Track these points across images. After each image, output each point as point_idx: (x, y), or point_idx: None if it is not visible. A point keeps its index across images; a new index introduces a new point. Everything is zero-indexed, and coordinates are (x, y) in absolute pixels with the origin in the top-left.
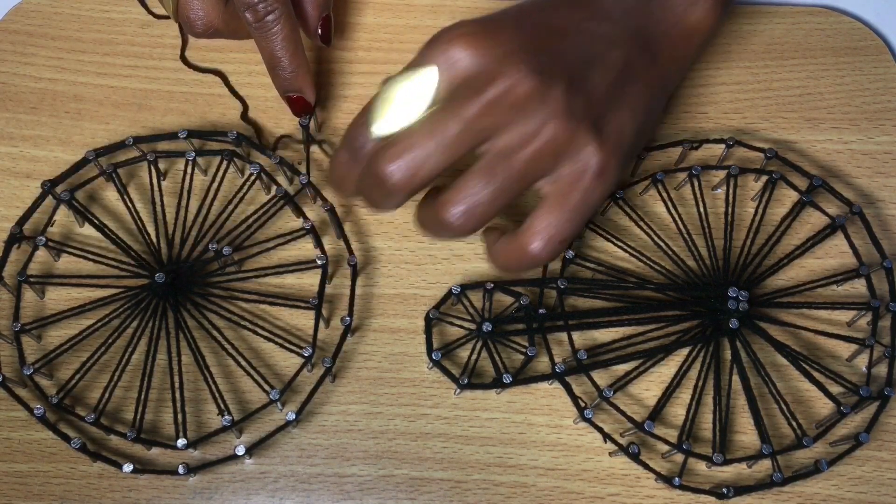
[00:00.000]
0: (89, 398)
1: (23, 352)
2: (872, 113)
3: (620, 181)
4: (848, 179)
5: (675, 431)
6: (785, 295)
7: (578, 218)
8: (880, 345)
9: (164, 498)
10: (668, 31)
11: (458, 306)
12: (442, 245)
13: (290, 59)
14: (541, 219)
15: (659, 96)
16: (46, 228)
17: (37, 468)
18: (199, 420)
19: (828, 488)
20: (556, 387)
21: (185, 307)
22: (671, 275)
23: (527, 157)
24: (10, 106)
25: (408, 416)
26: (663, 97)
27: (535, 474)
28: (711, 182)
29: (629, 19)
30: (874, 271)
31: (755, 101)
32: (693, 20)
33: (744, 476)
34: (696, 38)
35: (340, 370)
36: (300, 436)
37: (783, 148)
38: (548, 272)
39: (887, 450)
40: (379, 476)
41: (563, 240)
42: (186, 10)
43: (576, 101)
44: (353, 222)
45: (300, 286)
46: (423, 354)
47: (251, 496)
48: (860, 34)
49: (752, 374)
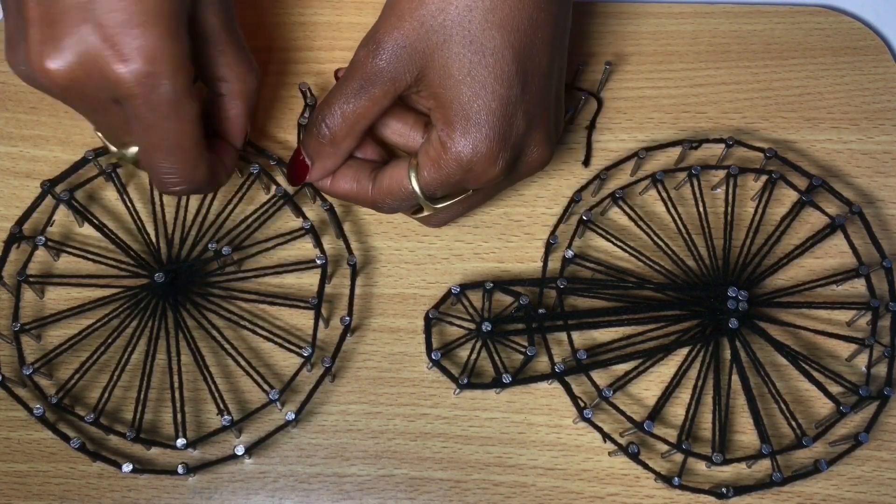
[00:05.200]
0: (89, 398)
1: (22, 352)
2: (872, 113)
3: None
4: (848, 179)
5: (675, 431)
6: (785, 295)
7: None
8: (880, 344)
9: (164, 498)
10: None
11: (458, 306)
12: (441, 245)
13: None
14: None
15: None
16: (46, 228)
17: (36, 468)
18: (198, 420)
19: (827, 488)
20: (556, 387)
21: (185, 307)
22: (671, 275)
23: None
24: (10, 106)
25: (407, 416)
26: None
27: (535, 474)
28: (711, 182)
29: None
30: (874, 271)
31: (755, 101)
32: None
33: (743, 476)
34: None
35: (340, 370)
36: (300, 436)
37: (783, 148)
38: (548, 272)
39: (887, 450)
40: (378, 476)
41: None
42: (158, 171)
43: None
44: (352, 222)
45: (300, 286)
46: (422, 354)
47: (251, 496)
48: (860, 34)
49: (752, 373)
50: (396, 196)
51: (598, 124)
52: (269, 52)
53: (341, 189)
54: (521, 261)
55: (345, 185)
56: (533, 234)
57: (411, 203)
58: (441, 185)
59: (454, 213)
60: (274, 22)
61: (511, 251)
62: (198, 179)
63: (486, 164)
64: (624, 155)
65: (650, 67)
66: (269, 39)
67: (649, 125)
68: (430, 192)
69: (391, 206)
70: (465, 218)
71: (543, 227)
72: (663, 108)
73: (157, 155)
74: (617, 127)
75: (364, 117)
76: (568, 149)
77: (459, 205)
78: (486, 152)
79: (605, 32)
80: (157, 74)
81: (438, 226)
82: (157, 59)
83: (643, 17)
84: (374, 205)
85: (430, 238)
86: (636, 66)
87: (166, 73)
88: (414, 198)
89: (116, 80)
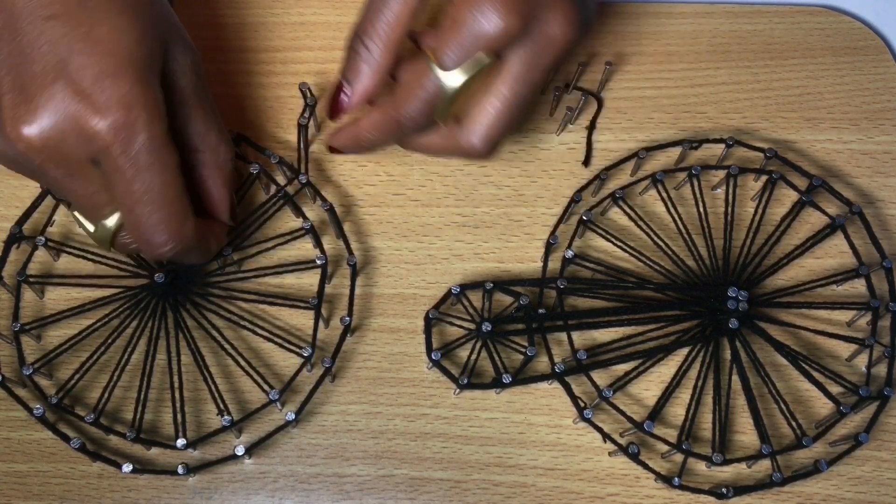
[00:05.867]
0: (89, 398)
1: (22, 352)
2: (872, 113)
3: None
4: (848, 179)
5: (675, 431)
6: (785, 295)
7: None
8: (880, 345)
9: (164, 498)
10: None
11: (458, 306)
12: (441, 245)
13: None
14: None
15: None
16: (46, 228)
17: (36, 468)
18: (198, 420)
19: (827, 488)
20: (556, 387)
21: (185, 307)
22: (671, 275)
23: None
24: None
25: (407, 416)
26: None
27: (535, 474)
28: (711, 182)
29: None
30: (874, 271)
31: (755, 101)
32: None
33: (743, 476)
34: None
35: (340, 370)
36: (300, 436)
37: (783, 148)
38: (548, 272)
39: (887, 450)
40: (378, 476)
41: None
42: (149, 234)
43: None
44: (352, 222)
45: (300, 286)
46: (422, 354)
47: (251, 496)
48: (860, 34)
49: (752, 373)
50: (418, 86)
51: (599, 124)
52: (269, 52)
53: (371, 121)
54: (521, 261)
55: (373, 114)
56: (533, 234)
57: (436, 94)
58: (458, 46)
59: (491, 115)
60: (274, 22)
61: (511, 251)
62: (186, 236)
63: (501, 9)
64: (624, 155)
65: (650, 67)
66: (269, 39)
67: (649, 125)
68: (447, 60)
69: (416, 107)
70: (465, 218)
71: (543, 227)
72: (663, 108)
73: (142, 210)
74: (617, 127)
75: (399, 24)
76: (568, 149)
77: (487, 91)
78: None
79: (605, 32)
80: (134, 124)
81: (482, 146)
82: (132, 109)
83: (643, 17)
84: (400, 114)
85: (430, 238)
86: (636, 66)
87: (143, 121)
88: (435, 81)
89: (94, 134)
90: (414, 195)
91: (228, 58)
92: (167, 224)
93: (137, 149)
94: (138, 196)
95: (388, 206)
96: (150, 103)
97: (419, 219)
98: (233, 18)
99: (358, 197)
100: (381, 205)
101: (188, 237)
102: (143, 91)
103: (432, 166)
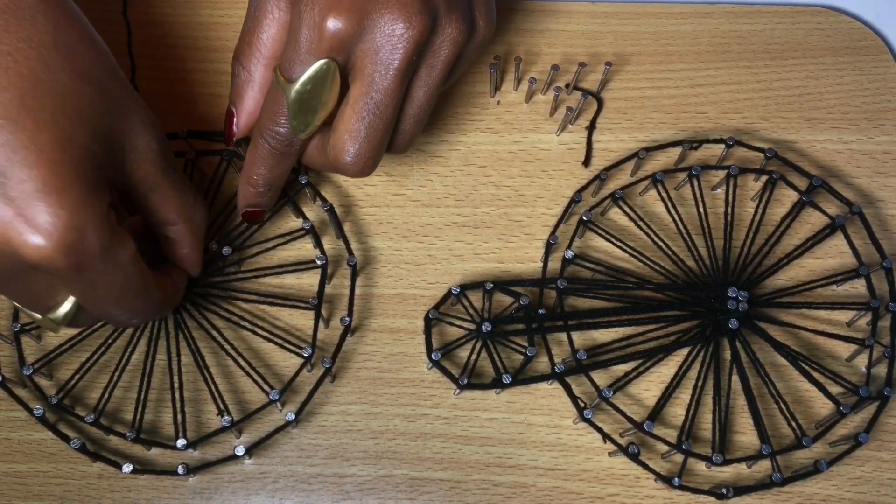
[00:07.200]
0: (89, 398)
1: (22, 352)
2: (872, 113)
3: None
4: (848, 179)
5: (675, 432)
6: (785, 295)
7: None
8: (880, 345)
9: (164, 498)
10: None
11: (458, 306)
12: (441, 245)
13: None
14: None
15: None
16: None
17: (36, 468)
18: (198, 420)
19: (827, 488)
20: (556, 387)
21: (185, 307)
22: (671, 275)
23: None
24: None
25: (407, 417)
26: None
27: (535, 474)
28: (711, 182)
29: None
30: (874, 271)
31: (755, 101)
32: None
33: (743, 476)
34: None
35: (340, 370)
36: (300, 436)
37: (783, 148)
38: (548, 272)
39: (887, 450)
40: (378, 476)
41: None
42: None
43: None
44: (352, 222)
45: (300, 286)
46: (422, 354)
47: (251, 496)
48: (860, 34)
49: (752, 374)
50: (271, 103)
51: (599, 124)
52: None
53: (248, 157)
54: (521, 261)
55: (248, 149)
56: (533, 235)
57: (287, 107)
58: (295, 55)
59: (351, 125)
60: None
61: (511, 251)
62: (150, 309)
63: (331, 12)
64: (624, 155)
65: (650, 67)
66: None
67: (649, 125)
68: (288, 71)
69: (273, 125)
70: (465, 218)
71: (543, 227)
72: (663, 108)
73: (105, 306)
74: (617, 127)
75: (274, 42)
76: (568, 149)
77: (344, 101)
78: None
79: (605, 32)
80: (81, 243)
81: (349, 160)
82: (78, 228)
83: (643, 17)
84: (264, 136)
85: (431, 238)
86: (636, 66)
87: (92, 238)
88: (283, 95)
89: (33, 253)
90: (414, 195)
91: (229, 58)
92: (131, 308)
93: (89, 263)
94: (101, 295)
95: (388, 206)
96: (98, 216)
97: (419, 219)
98: (233, 18)
99: (358, 197)
100: (381, 205)
101: (154, 309)
102: (90, 205)
103: (432, 166)
